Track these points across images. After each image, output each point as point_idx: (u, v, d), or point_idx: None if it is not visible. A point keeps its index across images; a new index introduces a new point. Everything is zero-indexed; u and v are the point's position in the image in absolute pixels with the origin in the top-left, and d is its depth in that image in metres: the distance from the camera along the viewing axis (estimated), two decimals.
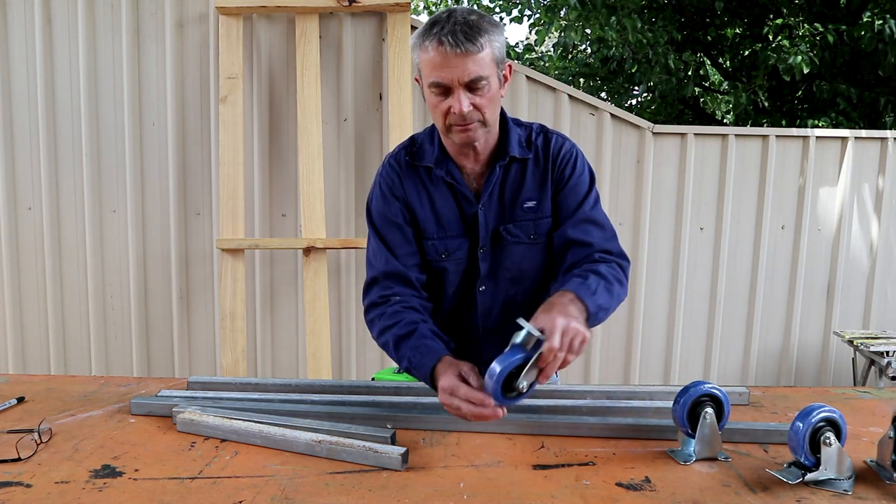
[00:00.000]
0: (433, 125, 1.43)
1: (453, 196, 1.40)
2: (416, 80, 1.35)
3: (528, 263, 1.44)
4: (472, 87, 1.24)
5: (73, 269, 3.34)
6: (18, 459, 1.07)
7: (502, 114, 1.39)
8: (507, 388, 1.05)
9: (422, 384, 1.41)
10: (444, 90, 1.25)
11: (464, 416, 1.10)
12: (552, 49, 9.10)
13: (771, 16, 5.86)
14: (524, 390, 1.06)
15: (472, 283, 1.45)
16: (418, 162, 1.41)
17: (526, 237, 1.41)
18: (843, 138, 3.55)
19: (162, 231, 3.31)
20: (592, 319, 1.20)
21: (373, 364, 3.40)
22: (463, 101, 1.23)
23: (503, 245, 1.42)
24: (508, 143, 1.38)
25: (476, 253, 1.42)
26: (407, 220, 1.41)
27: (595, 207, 1.41)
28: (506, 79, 1.32)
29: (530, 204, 1.40)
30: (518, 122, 1.44)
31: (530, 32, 7.18)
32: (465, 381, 1.12)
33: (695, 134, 3.47)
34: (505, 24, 10.23)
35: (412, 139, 1.46)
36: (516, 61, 6.36)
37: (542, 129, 1.44)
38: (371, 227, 1.44)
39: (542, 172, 1.40)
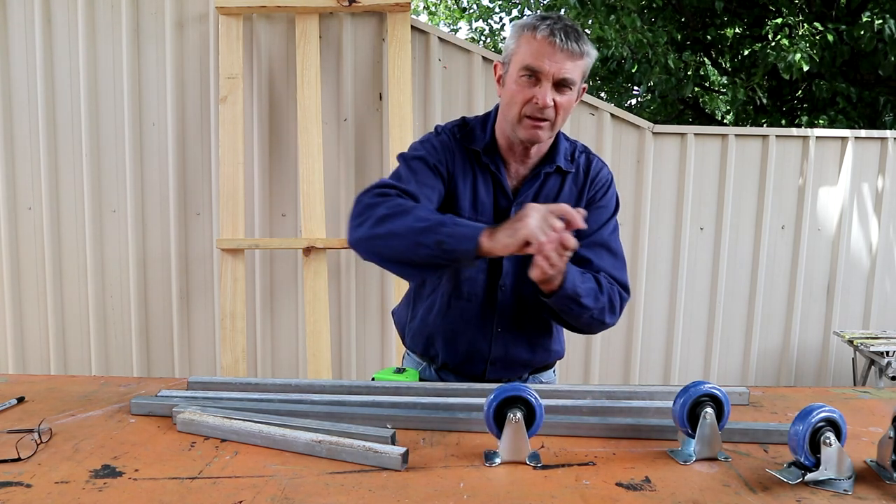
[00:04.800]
0: (486, 115, 1.47)
1: (493, 185, 1.43)
2: (496, 66, 1.39)
3: None
4: (560, 86, 1.29)
5: (73, 269, 3.34)
6: (18, 459, 1.07)
7: None
8: (500, 416, 1.08)
9: (421, 384, 1.41)
10: (535, 80, 1.29)
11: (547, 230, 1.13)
12: None
13: (771, 16, 5.86)
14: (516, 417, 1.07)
15: (492, 279, 1.47)
16: (468, 144, 1.43)
17: None
18: (843, 138, 3.55)
19: (162, 231, 3.31)
20: (560, 297, 1.28)
21: (373, 364, 3.40)
22: (548, 95, 1.28)
23: None
24: (557, 153, 1.43)
25: None
26: (444, 180, 1.41)
27: (613, 234, 1.47)
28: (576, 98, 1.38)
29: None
30: (566, 137, 1.49)
31: None
32: None
33: (695, 134, 3.47)
34: (504, 24, 10.24)
35: (464, 120, 1.48)
36: None
37: (585, 149, 1.51)
38: (404, 160, 1.41)
39: (580, 190, 1.46)
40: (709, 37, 6.67)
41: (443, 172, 1.41)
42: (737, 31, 6.77)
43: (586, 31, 6.09)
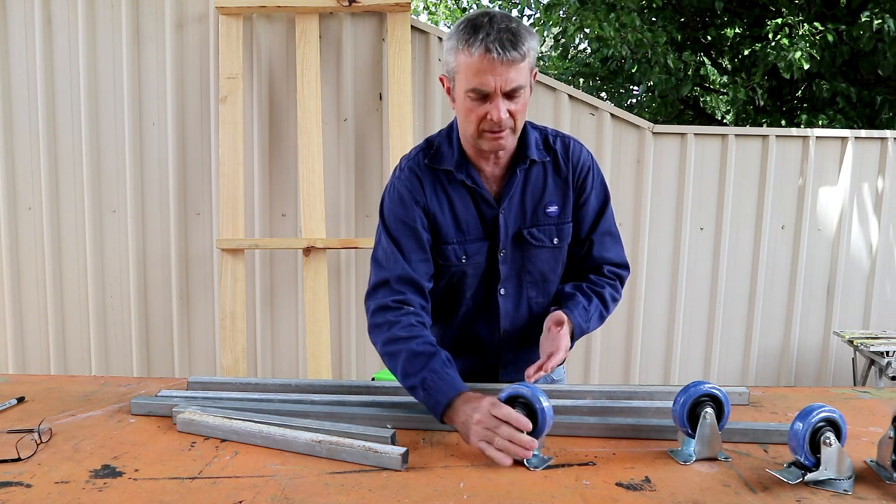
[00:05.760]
0: (449, 127, 1.43)
1: (472, 199, 1.40)
2: (442, 79, 1.34)
3: (550, 267, 1.46)
4: (510, 94, 1.25)
5: (73, 269, 3.34)
6: (18, 459, 1.07)
7: None
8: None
9: None
10: (483, 96, 1.24)
11: (493, 437, 1.08)
12: (552, 49, 9.11)
13: (771, 15, 5.86)
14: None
15: (491, 286, 1.45)
16: (437, 165, 1.39)
17: (549, 241, 1.43)
18: (843, 138, 3.55)
19: (162, 231, 3.31)
20: (575, 340, 1.36)
21: (373, 364, 3.40)
22: (501, 109, 1.24)
23: (525, 248, 1.43)
24: (527, 147, 1.39)
25: (495, 256, 1.42)
26: (425, 227, 1.38)
27: (611, 218, 1.49)
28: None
29: (553, 209, 1.42)
30: (532, 125, 1.45)
31: None
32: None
33: (695, 134, 3.47)
34: None
35: (428, 142, 1.44)
36: None
37: (558, 134, 1.46)
38: (384, 228, 1.40)
39: (564, 179, 1.43)
40: (709, 37, 6.67)
41: (421, 218, 1.38)
42: (737, 31, 6.77)
43: (585, 29, 6.06)
